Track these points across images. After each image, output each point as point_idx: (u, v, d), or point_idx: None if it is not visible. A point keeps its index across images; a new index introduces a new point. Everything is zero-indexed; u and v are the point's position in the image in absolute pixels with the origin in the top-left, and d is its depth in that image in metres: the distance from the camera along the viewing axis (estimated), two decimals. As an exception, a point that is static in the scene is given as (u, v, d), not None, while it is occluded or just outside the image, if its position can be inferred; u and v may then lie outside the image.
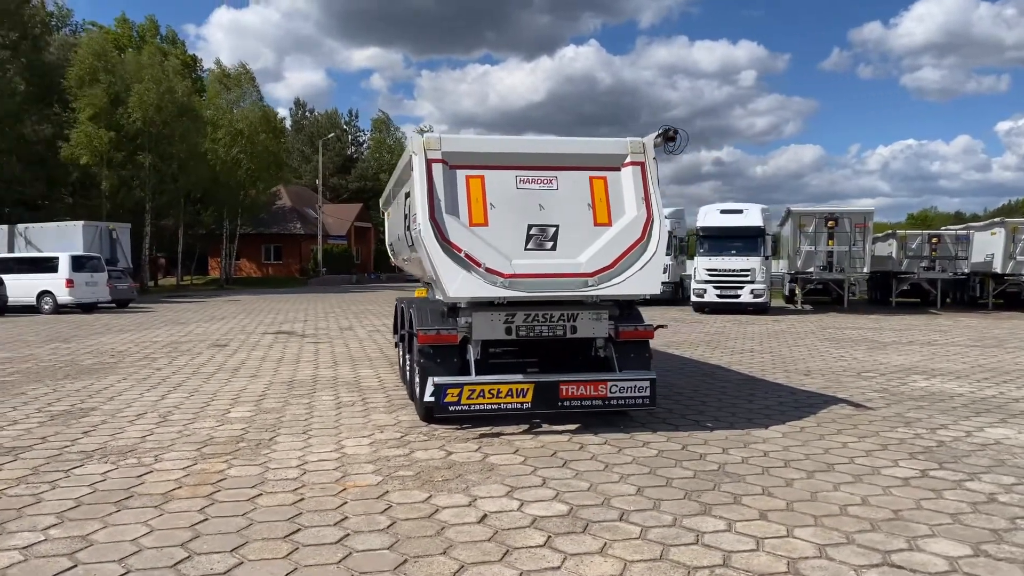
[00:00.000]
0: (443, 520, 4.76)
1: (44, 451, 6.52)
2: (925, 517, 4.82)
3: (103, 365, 12.04)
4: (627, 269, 7.14)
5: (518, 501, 5.14)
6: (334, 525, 4.68)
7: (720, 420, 7.75)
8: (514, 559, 4.14)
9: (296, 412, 8.20)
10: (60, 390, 9.64)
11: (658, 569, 4.01)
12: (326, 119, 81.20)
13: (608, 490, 5.38)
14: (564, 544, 4.35)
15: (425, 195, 6.98)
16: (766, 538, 4.45)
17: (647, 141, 7.57)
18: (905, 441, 6.84)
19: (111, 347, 14.63)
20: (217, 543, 4.38)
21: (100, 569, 4.02)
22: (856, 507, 5.02)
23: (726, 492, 5.34)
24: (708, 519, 4.78)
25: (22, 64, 38.75)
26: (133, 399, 8.97)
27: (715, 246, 24.72)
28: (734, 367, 11.76)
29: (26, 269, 24.81)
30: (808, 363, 12.23)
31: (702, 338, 16.28)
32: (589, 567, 4.03)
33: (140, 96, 38.43)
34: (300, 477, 5.72)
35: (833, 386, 9.89)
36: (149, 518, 4.80)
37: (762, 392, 9.43)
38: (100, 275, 25.57)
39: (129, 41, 63.14)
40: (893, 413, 8.11)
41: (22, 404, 8.69)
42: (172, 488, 5.45)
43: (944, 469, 5.93)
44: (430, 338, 7.26)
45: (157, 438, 7.00)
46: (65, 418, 7.89)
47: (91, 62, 38.29)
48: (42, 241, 30.66)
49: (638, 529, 4.59)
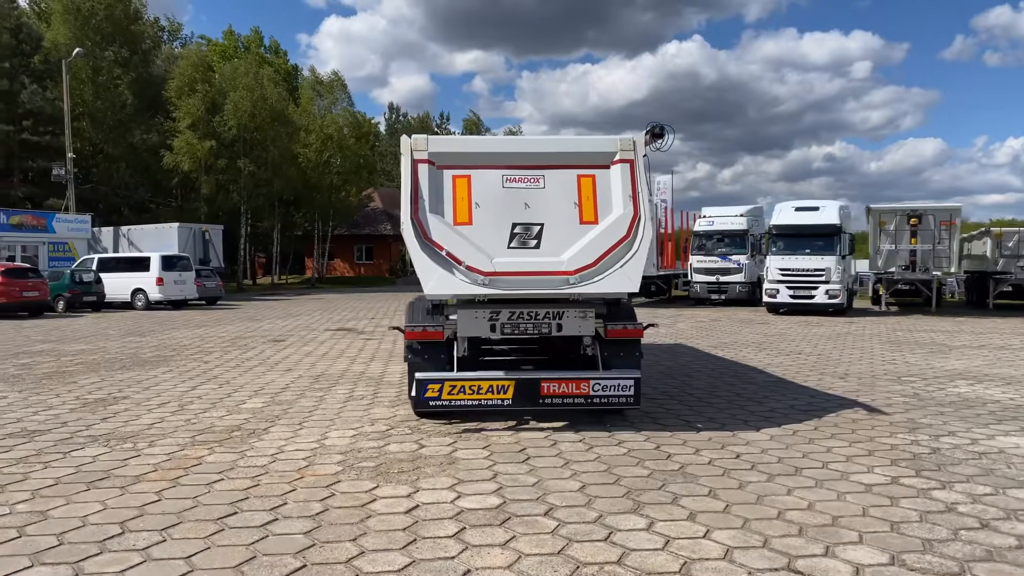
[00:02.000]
0: (373, 510, 4.92)
1: (58, 435, 7.07)
2: (863, 524, 4.63)
3: (159, 358, 12.83)
4: (611, 267, 7.10)
5: (456, 494, 5.23)
6: (268, 510, 4.91)
7: (715, 421, 7.59)
8: (414, 548, 4.25)
9: (305, 404, 8.55)
10: (107, 380, 10.36)
11: (548, 563, 4.03)
12: (418, 123, 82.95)
13: (552, 486, 5.40)
14: (472, 536, 4.43)
15: (409, 195, 7.16)
16: (678, 538, 4.39)
17: (637, 138, 7.51)
18: (897, 448, 6.53)
19: (177, 342, 15.55)
20: (154, 522, 4.68)
21: (37, 541, 4.38)
22: (796, 512, 4.86)
23: (670, 492, 5.27)
24: (633, 517, 4.75)
25: (131, 78, 41.39)
26: (165, 389, 9.56)
27: (788, 245, 23.91)
28: (770, 369, 11.41)
29: (122, 268, 26.59)
30: (852, 366, 11.74)
31: (757, 340, 15.82)
32: (481, 558, 4.10)
33: (235, 104, 40.45)
34: (267, 465, 6.00)
35: (862, 390, 9.48)
36: (109, 498, 5.17)
37: (781, 395, 9.14)
38: (188, 274, 27.12)
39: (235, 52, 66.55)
40: (905, 419, 7.72)
41: (67, 392, 9.41)
42: (147, 472, 5.83)
43: (919, 477, 5.65)
44: (416, 335, 7.44)
45: (163, 425, 7.47)
46: (94, 406, 8.50)
47: (190, 73, 40.57)
48: (142, 242, 32.76)
49: (555, 524, 4.62)
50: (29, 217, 30.47)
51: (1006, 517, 4.75)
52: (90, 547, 4.27)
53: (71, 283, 25.05)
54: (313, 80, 55.67)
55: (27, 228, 29.75)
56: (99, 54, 39.77)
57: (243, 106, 40.45)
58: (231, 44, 68.41)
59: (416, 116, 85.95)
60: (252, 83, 41.46)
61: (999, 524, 4.62)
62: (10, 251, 28.57)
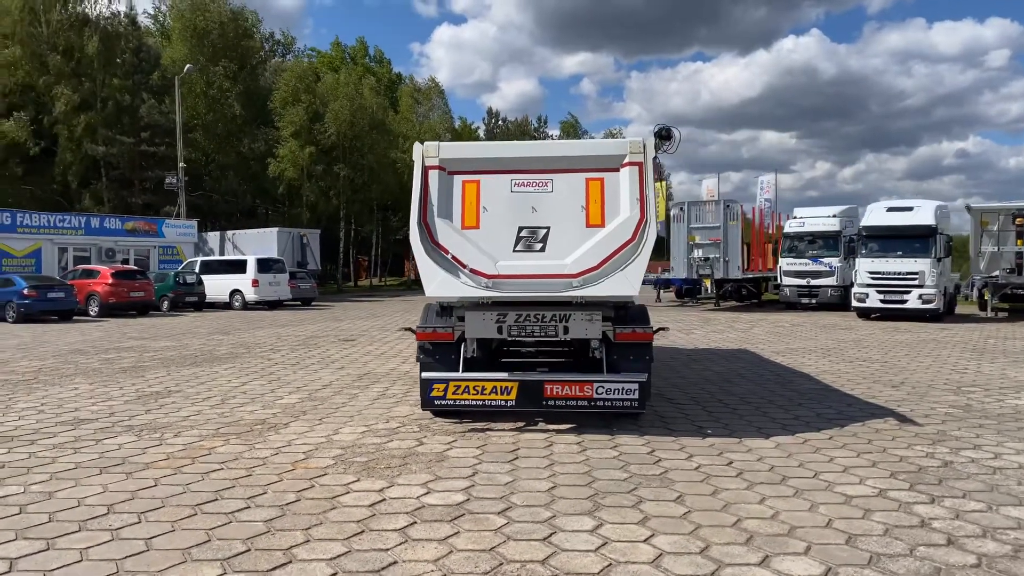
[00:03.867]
0: (340, 502, 5.15)
1: (101, 424, 7.69)
2: (818, 536, 4.49)
3: (230, 355, 13.61)
4: (615, 270, 7.09)
5: (426, 490, 5.40)
6: (245, 499, 5.22)
7: (728, 428, 7.44)
8: (357, 539, 4.44)
9: (336, 401, 8.92)
10: (172, 375, 11.12)
11: (473, 559, 4.14)
12: (516, 127, 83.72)
13: (523, 486, 5.49)
14: (417, 530, 4.58)
15: (418, 200, 7.38)
16: (617, 541, 4.40)
17: (648, 141, 7.46)
18: (905, 460, 6.22)
19: (255, 340, 16.42)
20: (139, 506, 5.07)
21: (31, 518, 4.84)
22: (756, 520, 4.76)
23: (636, 496, 5.25)
24: (584, 519, 4.77)
25: (239, 90, 43.80)
26: (217, 385, 10.18)
27: (880, 246, 22.79)
28: (823, 376, 11.00)
29: (222, 270, 28.23)
30: (914, 375, 11.15)
31: (828, 346, 15.21)
32: (414, 551, 4.25)
33: (335, 113, 42.15)
34: (268, 458, 6.35)
35: (908, 400, 9.02)
36: (113, 482, 5.63)
37: (816, 403, 8.82)
38: (282, 276, 28.48)
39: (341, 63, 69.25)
40: (935, 430, 7.33)
41: (131, 385, 10.18)
42: (158, 460, 6.28)
43: (911, 491, 5.39)
44: (427, 335, 7.66)
45: (198, 418, 7.98)
46: (148, 399, 9.17)
47: (293, 84, 42.58)
48: (245, 245, 34.61)
49: (503, 523, 4.71)
50: (142, 223, 32.80)
51: (980, 535, 4.49)
52: (72, 525, 4.69)
53: (174, 284, 26.81)
54: (412, 88, 57.21)
55: (140, 233, 32.05)
56: (211, 69, 42.31)
57: (342, 115, 42.09)
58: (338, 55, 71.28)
59: (514, 120, 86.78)
60: (351, 92, 43.05)
61: (968, 542, 4.38)
62: (125, 254, 30.83)
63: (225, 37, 43.50)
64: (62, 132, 39.30)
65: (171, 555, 4.21)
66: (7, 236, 26.98)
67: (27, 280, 22.32)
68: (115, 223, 31.56)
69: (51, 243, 28.39)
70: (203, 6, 42.31)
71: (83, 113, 39.31)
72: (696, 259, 28.11)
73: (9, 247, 26.97)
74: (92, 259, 28.80)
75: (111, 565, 4.07)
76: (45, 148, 39.83)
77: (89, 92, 39.70)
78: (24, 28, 38.27)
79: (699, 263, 28.03)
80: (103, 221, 31.21)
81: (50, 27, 39.04)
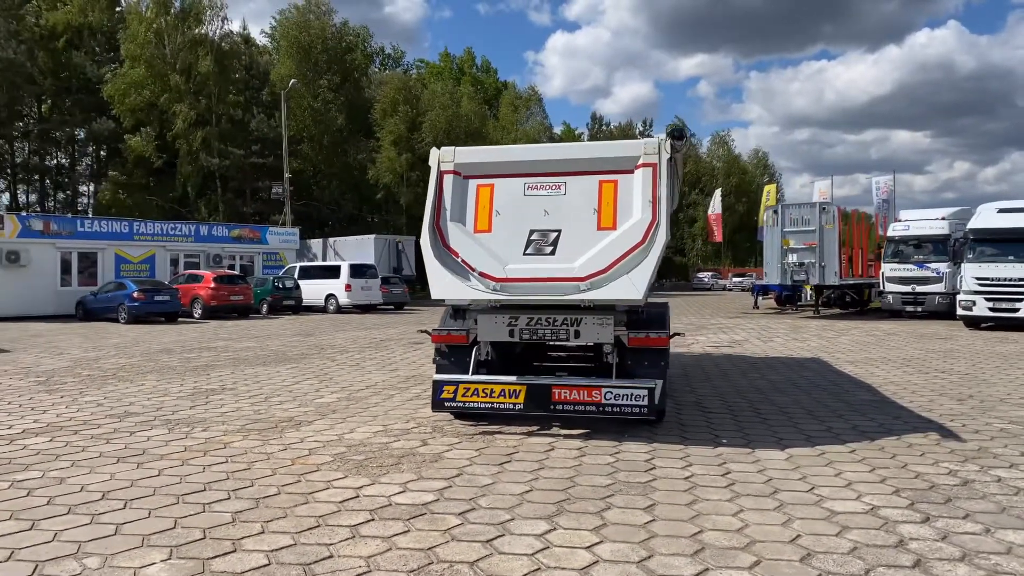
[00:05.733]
0: (315, 497, 5.30)
1: (144, 418, 8.20)
2: (775, 551, 4.26)
3: (300, 356, 14.19)
4: (624, 273, 6.95)
5: (402, 489, 5.48)
6: (230, 491, 5.45)
7: (747, 438, 7.15)
8: (308, 533, 4.56)
9: (369, 402, 9.16)
10: (236, 374, 11.70)
11: (405, 557, 4.17)
12: (620, 131, 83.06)
13: (498, 489, 5.47)
14: (370, 527, 4.66)
15: (432, 204, 7.50)
16: (559, 547, 4.32)
17: (663, 142, 7.29)
18: (921, 476, 5.80)
19: (332, 342, 17.04)
20: (131, 493, 5.40)
21: (31, 501, 5.24)
22: (717, 532, 4.56)
23: (606, 503, 5.14)
24: (539, 523, 4.72)
25: (342, 102, 45.59)
26: (269, 383, 10.64)
27: (989, 251, 21.23)
28: (885, 387, 10.36)
29: (318, 276, 29.45)
30: (990, 390, 10.33)
31: (913, 355, 14.30)
32: (353, 547, 4.33)
33: (432, 122, 43.18)
34: (274, 453, 6.60)
35: (966, 414, 8.38)
36: (122, 471, 6.00)
37: (860, 414, 8.33)
38: (374, 281, 29.42)
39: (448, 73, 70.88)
40: (976, 447, 6.78)
41: (192, 382, 10.79)
42: (175, 452, 6.65)
43: (909, 509, 5.02)
44: (442, 338, 7.76)
45: (233, 414, 8.38)
46: (200, 395, 9.69)
47: (392, 96, 43.94)
48: (344, 251, 35.92)
49: (456, 524, 4.72)
50: (247, 231, 34.64)
51: (957, 558, 4.15)
52: (63, 508, 5.05)
53: (273, 289, 28.17)
54: (512, 96, 57.84)
55: (245, 240, 33.86)
56: (316, 82, 44.26)
57: (439, 124, 43.06)
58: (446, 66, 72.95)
59: (618, 125, 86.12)
60: (447, 102, 44.00)
61: (937, 564, 4.06)
62: (231, 260, 32.65)
63: (328, 52, 45.37)
64: (182, 146, 42.06)
65: (132, 539, 4.46)
66: (125, 243, 29.13)
67: (136, 284, 24.00)
68: (222, 231, 33.48)
69: (164, 249, 30.42)
70: (307, 24, 44.31)
71: (200, 128, 41.94)
72: (790, 264, 27.02)
73: (127, 253, 29.10)
74: (201, 265, 30.64)
75: (74, 546, 4.35)
76: (167, 161, 42.73)
77: (205, 108, 42.34)
78: (149, 50, 41.20)
79: (793, 268, 26.93)
80: (211, 229, 33.19)
81: (172, 48, 41.85)
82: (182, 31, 41.79)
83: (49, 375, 11.66)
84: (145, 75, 41.43)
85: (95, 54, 46.32)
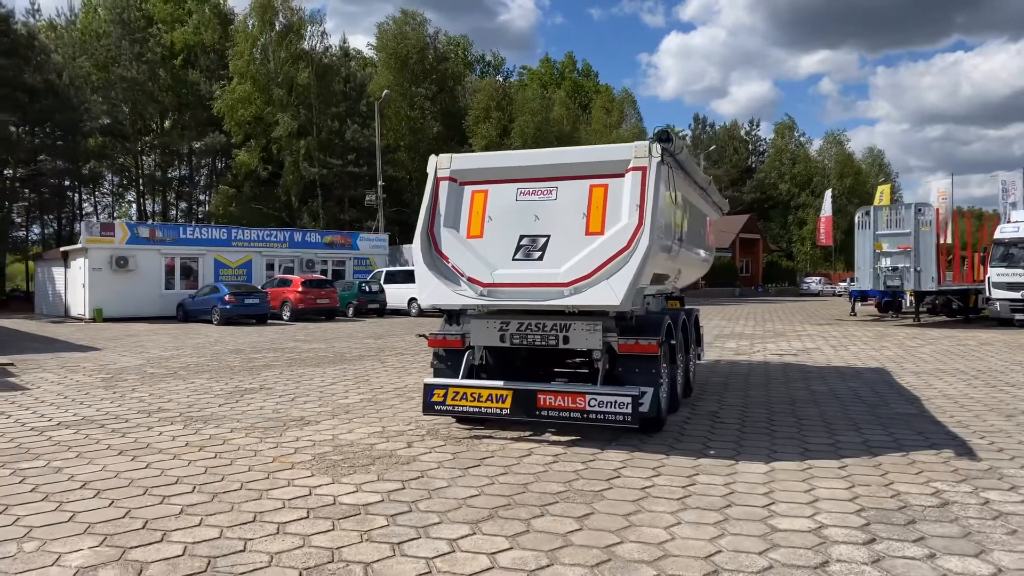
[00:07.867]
0: (270, 495, 5.51)
1: (171, 414, 8.71)
2: (683, 566, 4.13)
3: (356, 357, 14.65)
4: (606, 279, 6.86)
5: (355, 489, 5.62)
6: (197, 485, 5.75)
7: (738, 449, 6.89)
8: (240, 527, 4.76)
9: (386, 404, 9.39)
10: (284, 374, 12.23)
11: (312, 554, 4.30)
12: (724, 132, 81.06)
13: (448, 493, 5.52)
14: (299, 525, 4.82)
15: (426, 211, 7.63)
16: (466, 551, 4.34)
17: (653, 145, 7.14)
18: (899, 496, 5.43)
19: (394, 345, 17.50)
20: (110, 483, 5.78)
21: (19, 488, 5.70)
22: (638, 544, 4.46)
23: (543, 509, 5.10)
24: (461, 528, 4.74)
25: (437, 110, 46.63)
26: (307, 384, 11.07)
27: None
28: (933, 400, 9.71)
29: (401, 280, 30.19)
30: (1055, 403, 9.52)
31: (993, 367, 13.29)
32: (272, 542, 4.49)
33: (521, 128, 43.53)
34: (264, 451, 6.88)
35: (1002, 432, 7.75)
36: (117, 463, 6.43)
37: (881, 428, 7.86)
38: (455, 286, 29.84)
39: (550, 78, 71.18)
40: (986, 467, 6.28)
41: (237, 381, 11.35)
42: (176, 447, 7.04)
43: (859, 530, 4.72)
44: (438, 342, 7.88)
45: (252, 413, 8.78)
46: (237, 394, 10.20)
47: (484, 103, 44.58)
48: (424, 257, 36.66)
49: (383, 524, 4.82)
50: (338, 237, 35.97)
51: (871, 584, 3.89)
52: (40, 495, 5.47)
53: (359, 292, 29.13)
54: (606, 99, 57.52)
55: (337, 246, 35.19)
56: (413, 92, 45.47)
57: (528, 129, 43.35)
58: (547, 71, 73.27)
59: (723, 125, 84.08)
60: (537, 107, 44.24)
61: (844, 590, 3.82)
62: (323, 265, 34.00)
63: (424, 62, 46.52)
64: (285, 157, 44.14)
65: (79, 527, 4.79)
66: (223, 249, 30.87)
67: (228, 288, 25.37)
68: (315, 237, 34.93)
69: (260, 255, 32.02)
70: (404, 35, 45.60)
71: (301, 139, 43.89)
72: (883, 269, 25.62)
73: (225, 258, 30.82)
74: (295, 270, 32.06)
75: (24, 530, 4.72)
76: (272, 171, 44.96)
77: (306, 120, 44.28)
78: (255, 66, 43.51)
79: (887, 273, 25.52)
80: (304, 235, 34.68)
81: (275, 63, 44.02)
82: (285, 47, 43.87)
83: (116, 372, 12.54)
84: (251, 90, 43.74)
85: (208, 71, 49.29)
